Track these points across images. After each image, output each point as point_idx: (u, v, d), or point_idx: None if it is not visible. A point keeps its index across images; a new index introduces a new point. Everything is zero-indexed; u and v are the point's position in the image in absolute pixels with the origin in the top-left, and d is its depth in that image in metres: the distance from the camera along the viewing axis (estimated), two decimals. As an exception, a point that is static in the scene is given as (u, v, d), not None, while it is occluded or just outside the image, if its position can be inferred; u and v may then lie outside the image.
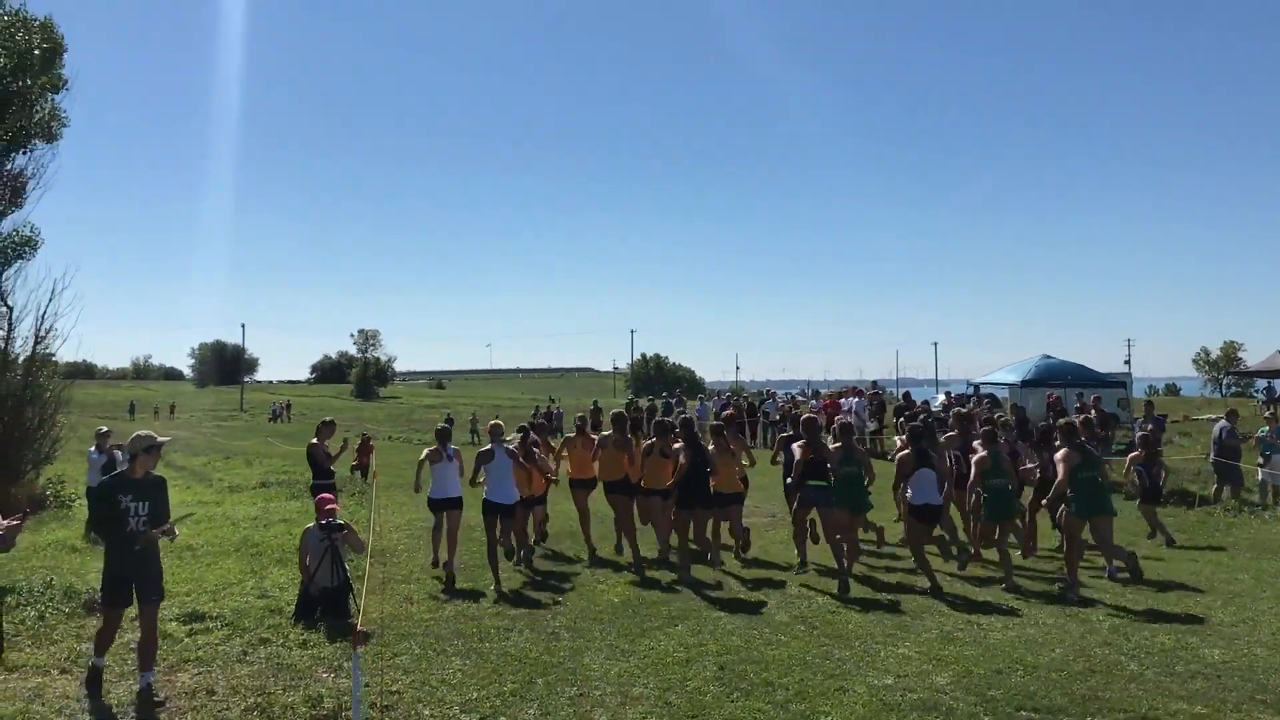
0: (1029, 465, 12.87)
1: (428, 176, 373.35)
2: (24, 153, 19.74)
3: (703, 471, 11.31)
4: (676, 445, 11.63)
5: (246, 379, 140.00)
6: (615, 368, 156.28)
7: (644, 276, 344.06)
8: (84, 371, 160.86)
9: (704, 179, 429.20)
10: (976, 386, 30.70)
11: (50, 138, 20.52)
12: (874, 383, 32.46)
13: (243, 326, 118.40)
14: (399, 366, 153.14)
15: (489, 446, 11.53)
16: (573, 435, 13.44)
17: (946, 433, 14.48)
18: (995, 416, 22.61)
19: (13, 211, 20.16)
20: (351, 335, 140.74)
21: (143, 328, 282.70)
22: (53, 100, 20.39)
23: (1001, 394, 33.89)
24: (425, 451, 11.92)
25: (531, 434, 13.08)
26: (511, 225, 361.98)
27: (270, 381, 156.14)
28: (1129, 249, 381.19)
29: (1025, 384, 31.81)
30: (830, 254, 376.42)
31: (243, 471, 28.89)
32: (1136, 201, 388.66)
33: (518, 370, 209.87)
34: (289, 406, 74.02)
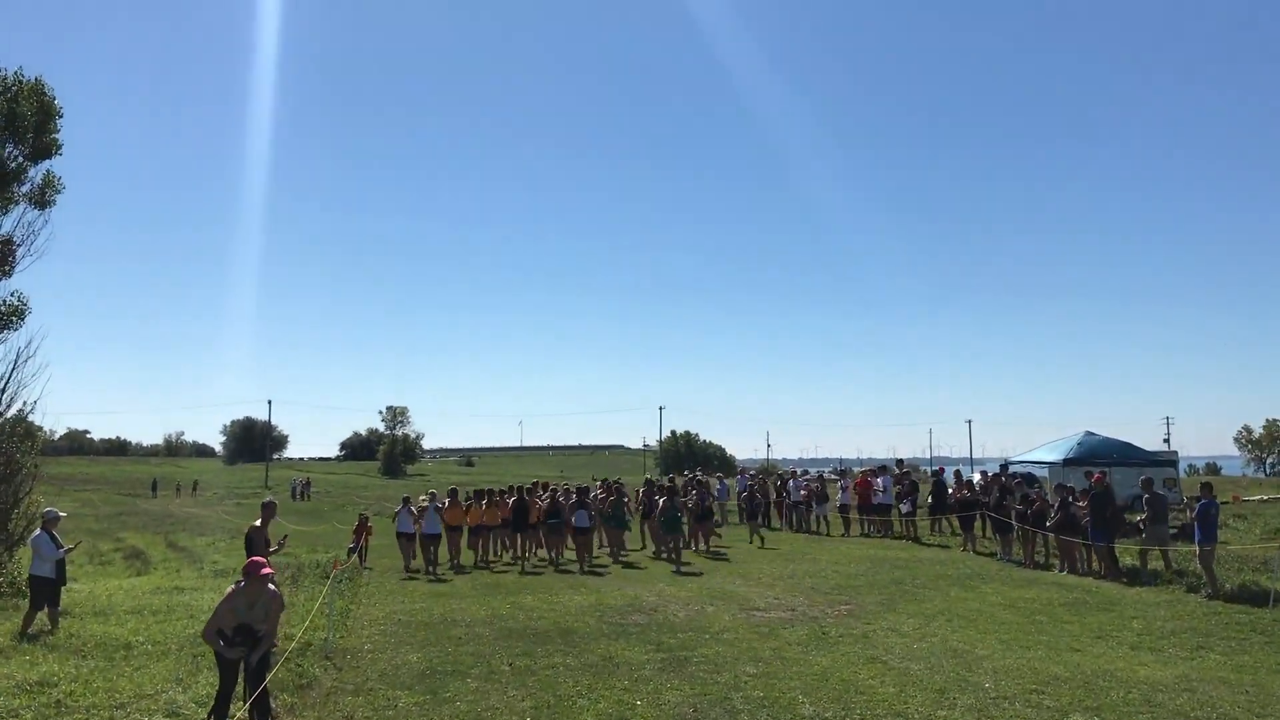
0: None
1: (458, 253, 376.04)
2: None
3: (522, 513, 21.84)
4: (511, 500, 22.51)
5: (277, 456, 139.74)
6: (645, 445, 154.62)
7: (674, 353, 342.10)
8: (118, 448, 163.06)
9: (735, 256, 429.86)
10: (1004, 465, 28.98)
11: (42, 204, 19.69)
12: (900, 461, 30.88)
13: (269, 403, 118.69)
14: (430, 444, 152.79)
15: (425, 505, 21.35)
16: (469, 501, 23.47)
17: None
18: (1031, 494, 21.15)
19: (1, 279, 19.18)
20: (380, 412, 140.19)
21: (176, 405, 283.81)
22: (46, 167, 19.66)
23: (1040, 473, 32.12)
24: (396, 509, 22.52)
25: (438, 497, 22.17)
26: (543, 301, 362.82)
27: (301, 459, 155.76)
28: (1167, 325, 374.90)
29: (1068, 463, 30.01)
30: (862, 331, 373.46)
31: (241, 554, 27.51)
32: (1174, 276, 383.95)
33: (548, 448, 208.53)
34: (309, 484, 72.97)
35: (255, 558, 8.27)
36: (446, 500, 22.33)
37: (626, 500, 24.23)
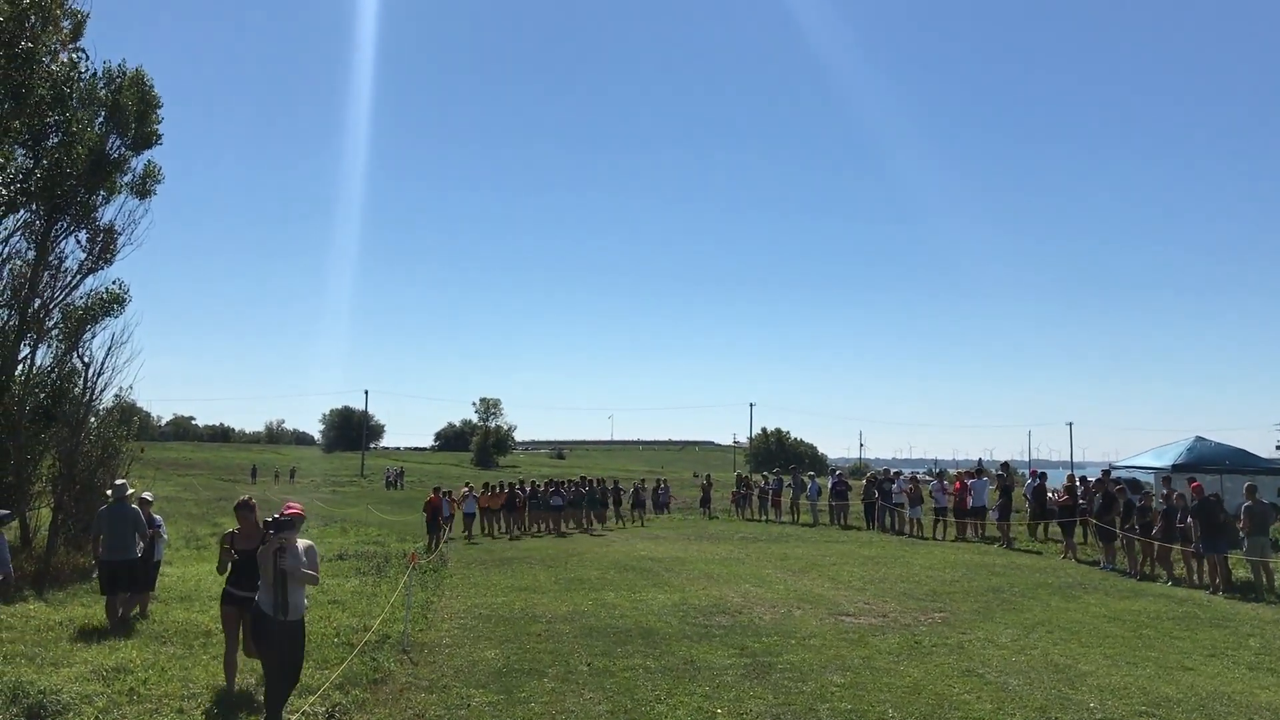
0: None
1: (552, 250, 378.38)
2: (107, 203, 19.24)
3: (513, 499, 31.28)
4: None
5: (373, 445, 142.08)
6: (735, 441, 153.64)
7: (767, 350, 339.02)
8: (221, 435, 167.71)
9: (830, 252, 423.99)
10: (1106, 471, 27.73)
11: (143, 194, 20.07)
12: (1005, 464, 29.88)
13: (366, 393, 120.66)
14: (523, 436, 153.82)
15: (464, 492, 31.49)
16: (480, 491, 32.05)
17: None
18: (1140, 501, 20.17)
19: (103, 268, 19.59)
20: (474, 404, 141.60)
21: (278, 394, 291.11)
22: (147, 157, 20.06)
23: (1146, 478, 30.84)
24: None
25: (474, 488, 32.62)
26: (635, 296, 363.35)
27: (397, 448, 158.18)
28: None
29: (1176, 469, 28.68)
30: (960, 329, 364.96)
31: (334, 540, 27.95)
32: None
33: (638, 442, 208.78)
34: (402, 473, 74.09)
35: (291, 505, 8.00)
36: (480, 491, 32.09)
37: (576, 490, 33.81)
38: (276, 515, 7.68)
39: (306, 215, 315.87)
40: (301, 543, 7.72)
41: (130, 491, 12.74)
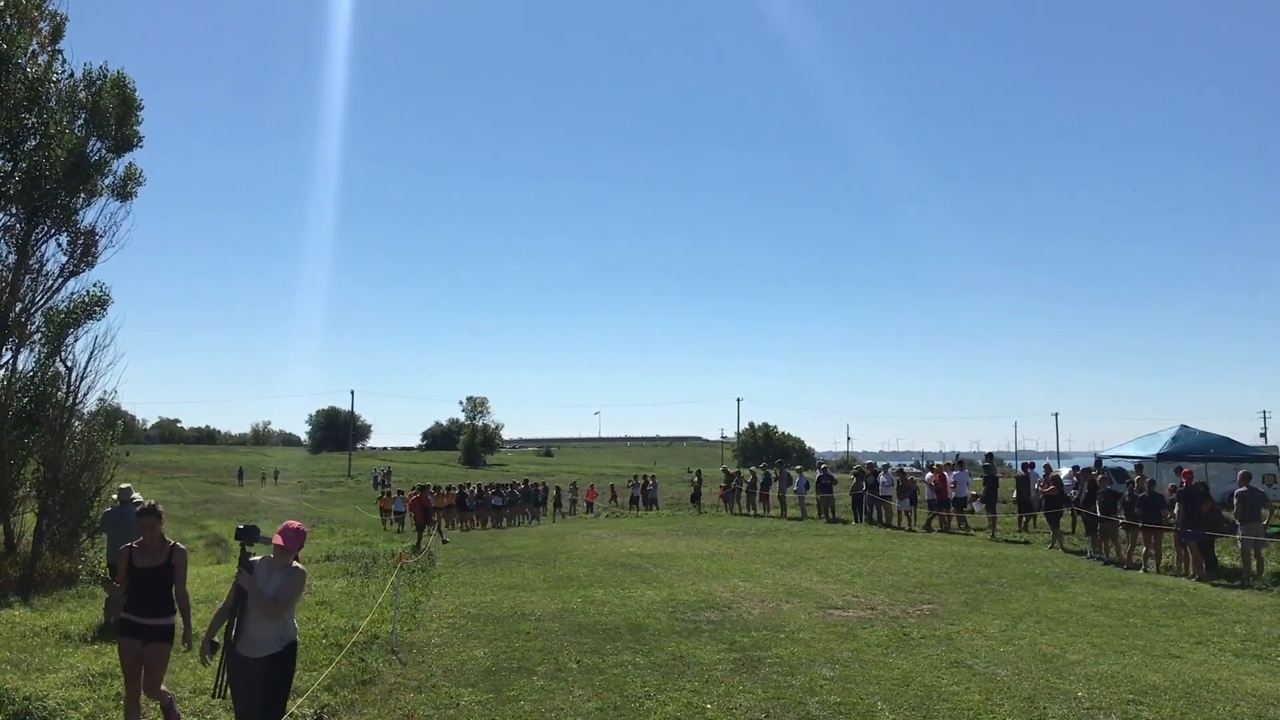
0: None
1: (536, 245, 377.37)
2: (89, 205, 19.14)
3: (463, 499, 37.65)
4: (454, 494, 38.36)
5: (360, 445, 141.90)
6: (723, 437, 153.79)
7: (753, 344, 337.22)
8: (207, 437, 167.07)
9: (814, 245, 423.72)
10: (1098, 460, 27.89)
11: (124, 196, 19.96)
12: (989, 455, 29.96)
13: (352, 393, 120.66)
14: (511, 434, 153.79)
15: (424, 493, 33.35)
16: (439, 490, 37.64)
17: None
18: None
19: (84, 270, 19.48)
20: (460, 403, 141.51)
21: (264, 395, 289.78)
22: (128, 159, 19.96)
23: (1130, 467, 31.11)
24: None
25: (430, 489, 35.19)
26: (620, 292, 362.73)
27: (384, 448, 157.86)
28: (1264, 313, 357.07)
29: (1162, 458, 28.87)
30: (945, 321, 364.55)
31: (323, 541, 27.96)
32: (1270, 261, 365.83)
33: (626, 438, 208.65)
34: (389, 473, 73.92)
35: (290, 524, 6.76)
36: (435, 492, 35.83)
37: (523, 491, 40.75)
38: (244, 525, 6.97)
39: (288, 212, 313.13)
40: (290, 567, 6.62)
41: (135, 495, 12.93)
